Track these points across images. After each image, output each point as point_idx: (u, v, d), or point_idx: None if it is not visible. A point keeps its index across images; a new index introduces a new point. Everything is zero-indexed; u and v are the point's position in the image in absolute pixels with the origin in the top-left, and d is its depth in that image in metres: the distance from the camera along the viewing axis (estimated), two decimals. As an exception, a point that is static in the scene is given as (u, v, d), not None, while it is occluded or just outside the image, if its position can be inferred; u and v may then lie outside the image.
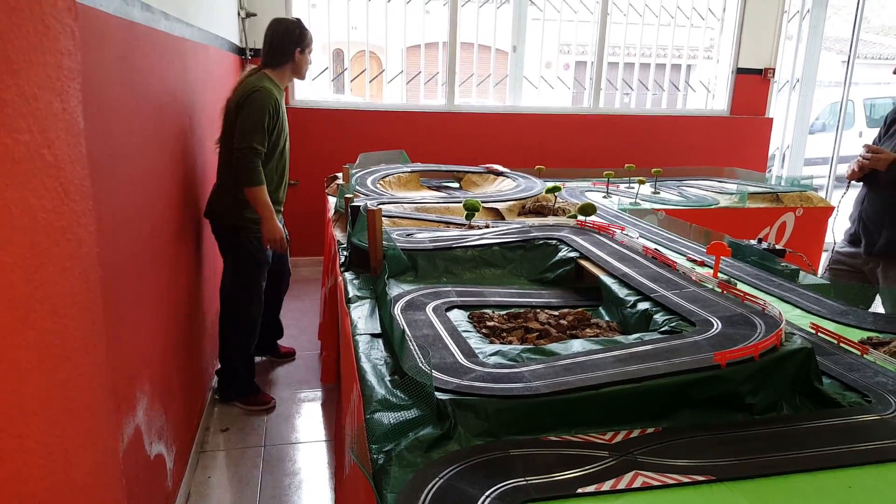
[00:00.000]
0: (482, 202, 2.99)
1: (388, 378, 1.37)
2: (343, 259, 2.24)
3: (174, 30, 2.38)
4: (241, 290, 2.95)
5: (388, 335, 1.57)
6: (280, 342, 3.60)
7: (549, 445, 1.15)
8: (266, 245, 2.86)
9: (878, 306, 2.30)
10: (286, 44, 2.82)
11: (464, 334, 1.56)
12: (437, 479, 1.04)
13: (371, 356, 1.49)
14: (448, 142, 4.99)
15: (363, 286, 1.98)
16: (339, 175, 3.63)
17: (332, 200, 3.26)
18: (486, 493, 1.00)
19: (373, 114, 4.94)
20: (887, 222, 2.59)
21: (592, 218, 2.49)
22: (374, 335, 1.61)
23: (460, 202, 2.91)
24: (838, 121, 6.16)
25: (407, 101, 5.26)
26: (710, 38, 5.76)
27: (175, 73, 2.41)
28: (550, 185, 3.31)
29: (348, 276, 2.09)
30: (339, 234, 2.64)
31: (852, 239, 2.79)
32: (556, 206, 3.03)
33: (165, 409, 2.16)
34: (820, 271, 3.30)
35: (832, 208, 4.01)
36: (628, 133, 5.35)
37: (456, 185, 3.88)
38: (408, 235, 2.33)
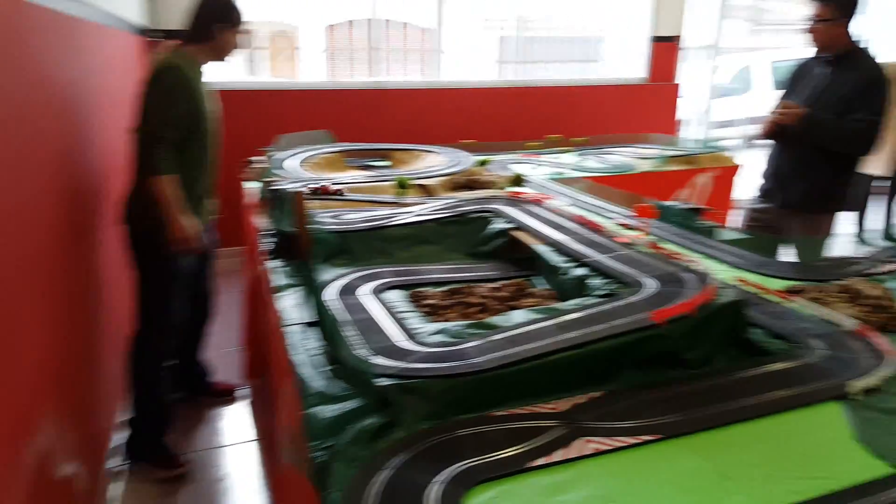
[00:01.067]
0: (413, 179, 2.94)
1: (324, 369, 1.32)
2: (268, 247, 2.14)
3: (69, 9, 2.18)
4: (152, 309, 2.40)
5: (323, 323, 1.51)
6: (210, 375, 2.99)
7: (497, 421, 1.13)
8: (174, 246, 2.30)
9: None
10: (206, 19, 2.45)
11: (403, 315, 1.52)
12: (385, 470, 1.00)
13: (305, 347, 1.43)
14: (373, 120, 4.88)
15: (292, 274, 1.90)
16: (257, 159, 3.49)
17: (250, 186, 3.13)
18: (437, 479, 0.97)
19: (291, 93, 4.77)
20: (802, 175, 2.70)
21: (523, 188, 2.49)
22: (308, 324, 1.55)
23: (389, 180, 2.85)
24: (747, 84, 6.41)
25: (328, 79, 5.10)
26: (622, 8, 5.85)
27: (70, 56, 2.21)
28: (480, 158, 3.30)
29: (275, 264, 2.00)
30: (261, 221, 2.53)
31: (766, 194, 2.90)
32: (487, 179, 3.02)
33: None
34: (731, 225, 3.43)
35: (738, 167, 4.19)
36: (551, 104, 5.38)
37: (384, 163, 3.81)
38: (336, 217, 2.26)
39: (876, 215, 4.99)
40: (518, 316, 1.44)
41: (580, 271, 1.70)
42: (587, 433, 1.09)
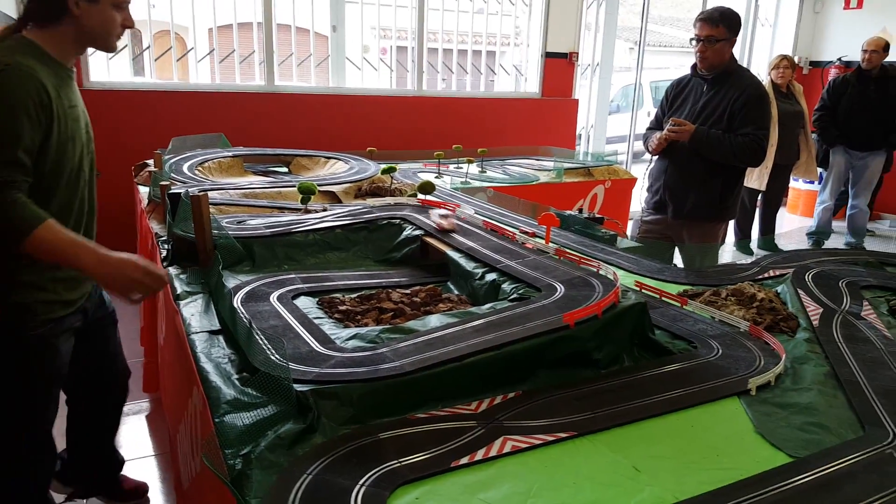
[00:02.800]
0: (318, 185, 2.88)
1: (235, 377, 1.25)
2: (165, 253, 2.02)
3: None
4: (14, 426, 1.69)
5: (230, 330, 1.43)
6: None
7: (419, 423, 1.12)
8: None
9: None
10: None
11: (315, 321, 1.48)
12: (306, 475, 0.96)
13: (212, 355, 1.35)
14: (270, 124, 4.74)
15: (192, 280, 1.80)
16: (151, 162, 3.29)
17: (143, 190, 2.95)
18: (360, 482, 0.94)
19: (182, 95, 4.54)
20: (693, 187, 2.88)
21: (431, 196, 2.50)
22: (212, 332, 1.47)
23: (293, 186, 2.77)
24: (633, 101, 6.81)
25: (220, 82, 4.91)
26: (517, 25, 6.05)
27: None
28: (385, 166, 3.28)
29: (173, 271, 1.89)
30: (156, 226, 2.39)
31: (657, 206, 3.07)
32: (393, 186, 3.01)
33: None
34: (629, 237, 3.62)
35: (635, 179, 4.44)
36: (451, 115, 5.47)
37: (284, 169, 3.70)
38: (239, 223, 2.17)
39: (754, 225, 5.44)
40: (434, 320, 1.43)
41: (492, 276, 1.72)
42: (507, 432, 1.10)
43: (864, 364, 1.40)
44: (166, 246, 2.05)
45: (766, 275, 1.97)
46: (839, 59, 6.90)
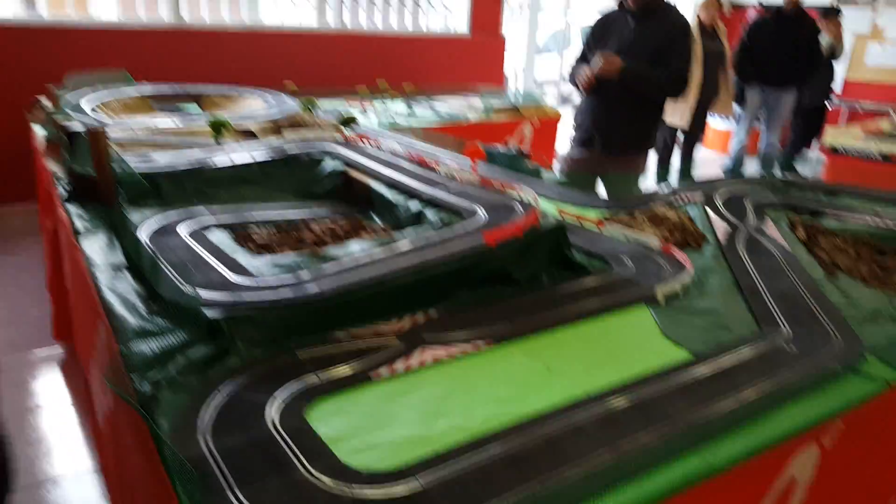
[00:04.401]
0: (232, 123, 2.75)
1: (142, 309, 1.20)
2: (65, 192, 1.90)
3: None
4: None
5: (136, 264, 1.37)
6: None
7: (339, 342, 1.11)
8: None
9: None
10: None
11: (229, 253, 1.43)
12: (220, 394, 0.94)
13: (117, 289, 1.29)
14: (179, 62, 4.45)
15: (94, 218, 1.70)
16: (45, 99, 3.06)
17: (39, 130, 2.75)
18: (277, 397, 0.93)
19: (80, 33, 4.20)
20: (620, 123, 2.92)
21: (354, 131, 2.44)
22: (117, 267, 1.40)
23: (204, 124, 2.64)
24: (561, 43, 6.83)
25: (123, 17, 4.57)
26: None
27: None
28: (305, 101, 3.17)
29: (74, 209, 1.78)
30: (54, 166, 2.23)
31: (584, 142, 3.11)
32: (314, 123, 2.91)
33: None
34: (556, 173, 3.67)
35: (560, 117, 4.48)
36: (376, 52, 5.31)
37: (196, 107, 3.52)
38: (144, 159, 2.05)
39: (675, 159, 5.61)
40: (355, 247, 1.41)
41: (416, 205, 1.71)
42: (427, 344, 1.11)
43: (764, 273, 1.48)
44: (65, 185, 1.93)
45: (679, 200, 2.04)
46: (759, 3, 7.10)
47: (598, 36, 3.02)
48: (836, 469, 1.04)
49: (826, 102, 6.25)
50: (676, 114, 5.06)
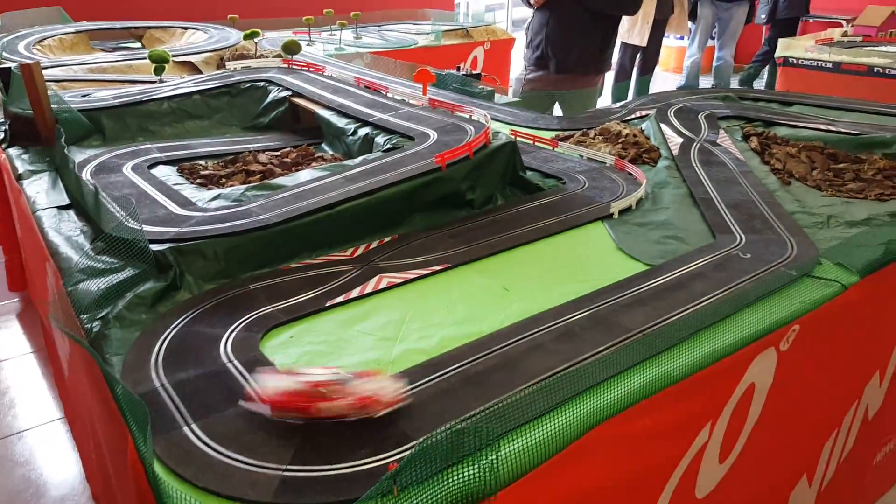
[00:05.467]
0: (173, 56, 2.62)
1: (88, 248, 1.16)
2: (2, 134, 1.80)
3: None
4: None
5: (80, 203, 1.32)
6: None
7: (292, 272, 1.09)
8: None
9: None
10: None
11: (175, 187, 1.38)
12: (171, 329, 0.92)
13: (62, 230, 1.24)
14: (116, -3, 4.20)
15: (35, 160, 1.62)
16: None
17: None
18: (230, 329, 0.92)
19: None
20: (575, 40, 2.86)
21: (299, 57, 2.34)
22: (61, 207, 1.35)
23: (145, 59, 2.50)
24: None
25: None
26: None
27: None
28: (248, 31, 3.03)
29: (13, 152, 1.69)
30: (-12, 109, 2.11)
31: (539, 62, 3.05)
32: (259, 54, 2.79)
33: None
34: (511, 95, 3.62)
35: (514, 39, 4.37)
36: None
37: (137, 45, 3.34)
38: (84, 97, 1.95)
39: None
40: (304, 175, 1.38)
41: (365, 130, 1.66)
42: (382, 271, 1.10)
43: (718, 183, 1.50)
44: (2, 127, 1.83)
45: (632, 116, 2.03)
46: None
47: None
48: (795, 372, 1.07)
49: (801, 16, 6.21)
50: (634, 32, 4.98)
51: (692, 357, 0.88)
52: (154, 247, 1.05)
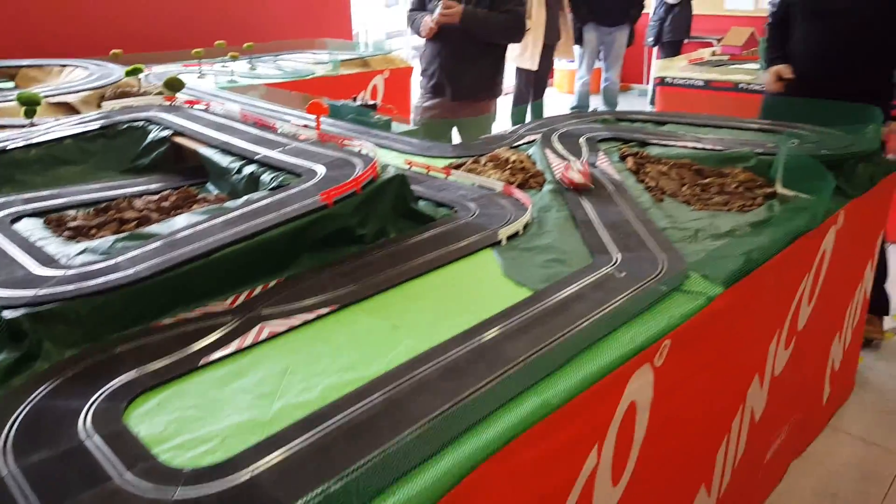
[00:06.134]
0: (47, 96, 2.47)
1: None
2: None
3: None
4: None
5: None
6: None
7: (165, 330, 1.03)
8: None
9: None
10: None
11: (39, 243, 1.28)
12: (24, 406, 0.84)
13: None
14: (-14, 34, 3.93)
15: None
16: None
17: None
18: (91, 401, 0.85)
19: None
20: (468, 67, 2.93)
21: (183, 94, 2.26)
22: None
23: (13, 101, 2.34)
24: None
25: None
26: None
27: None
28: (130, 68, 2.90)
29: None
30: None
31: (435, 90, 3.09)
32: (143, 90, 2.67)
33: None
34: (411, 124, 3.64)
35: (411, 68, 4.41)
36: (213, 11, 4.94)
37: (10, 84, 3.13)
38: (-62, 147, 1.79)
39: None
40: (181, 220, 1.31)
41: (250, 168, 1.61)
42: (265, 319, 1.06)
43: (596, 205, 1.55)
44: None
45: (521, 142, 2.08)
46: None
47: None
48: (673, 386, 1.10)
49: (683, 38, 6.61)
50: (526, 57, 5.15)
51: (570, 382, 0.89)
52: (7, 313, 0.97)
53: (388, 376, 0.91)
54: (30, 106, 2.16)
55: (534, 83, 5.59)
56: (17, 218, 1.44)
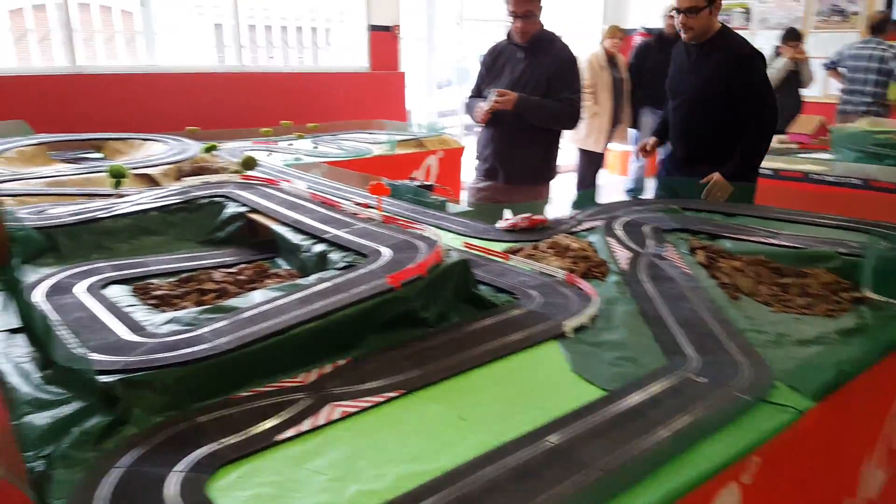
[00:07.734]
0: (132, 169, 2.66)
1: (37, 375, 1.13)
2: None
3: None
4: None
5: (30, 327, 1.30)
6: None
7: (242, 402, 1.08)
8: None
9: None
10: None
11: (127, 309, 1.38)
12: (115, 469, 0.90)
13: (11, 355, 1.22)
14: (77, 108, 4.29)
15: (-15, 279, 1.60)
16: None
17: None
18: (176, 469, 0.90)
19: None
20: (520, 152, 3.04)
21: (256, 172, 2.41)
22: (11, 331, 1.32)
23: (103, 172, 2.54)
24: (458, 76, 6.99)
25: (18, 64, 4.35)
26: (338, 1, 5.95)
27: None
28: (206, 145, 3.10)
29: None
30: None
31: (488, 173, 3.20)
32: (217, 166, 2.85)
33: None
34: (463, 204, 3.74)
35: (463, 148, 4.58)
36: (277, 91, 5.27)
37: (98, 155, 3.38)
38: (39, 212, 1.95)
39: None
40: (258, 296, 1.39)
41: (320, 247, 1.70)
42: (335, 399, 1.10)
43: (667, 300, 1.54)
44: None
45: (581, 228, 2.13)
46: (643, 27, 7.51)
47: (490, 67, 3.15)
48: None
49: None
50: (591, 140, 5.29)
51: (653, 496, 0.86)
52: (102, 378, 1.04)
53: (457, 472, 0.91)
54: (118, 178, 2.33)
55: (589, 164, 5.69)
56: (107, 284, 1.54)
